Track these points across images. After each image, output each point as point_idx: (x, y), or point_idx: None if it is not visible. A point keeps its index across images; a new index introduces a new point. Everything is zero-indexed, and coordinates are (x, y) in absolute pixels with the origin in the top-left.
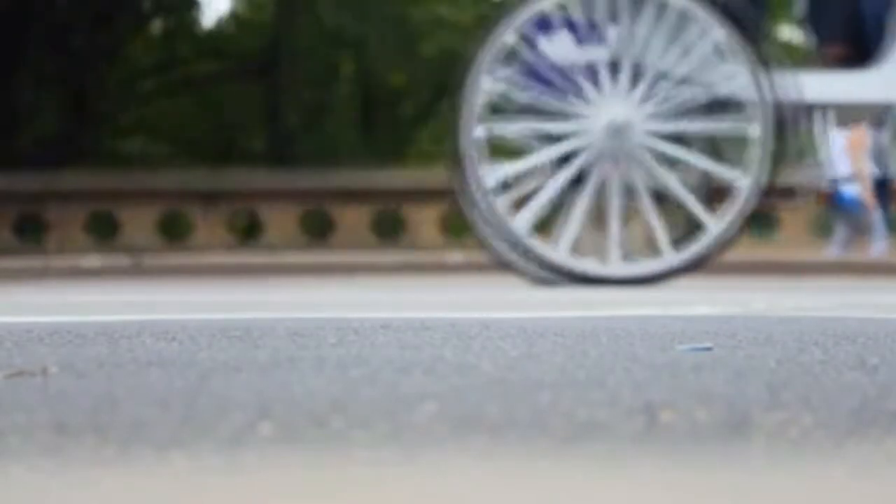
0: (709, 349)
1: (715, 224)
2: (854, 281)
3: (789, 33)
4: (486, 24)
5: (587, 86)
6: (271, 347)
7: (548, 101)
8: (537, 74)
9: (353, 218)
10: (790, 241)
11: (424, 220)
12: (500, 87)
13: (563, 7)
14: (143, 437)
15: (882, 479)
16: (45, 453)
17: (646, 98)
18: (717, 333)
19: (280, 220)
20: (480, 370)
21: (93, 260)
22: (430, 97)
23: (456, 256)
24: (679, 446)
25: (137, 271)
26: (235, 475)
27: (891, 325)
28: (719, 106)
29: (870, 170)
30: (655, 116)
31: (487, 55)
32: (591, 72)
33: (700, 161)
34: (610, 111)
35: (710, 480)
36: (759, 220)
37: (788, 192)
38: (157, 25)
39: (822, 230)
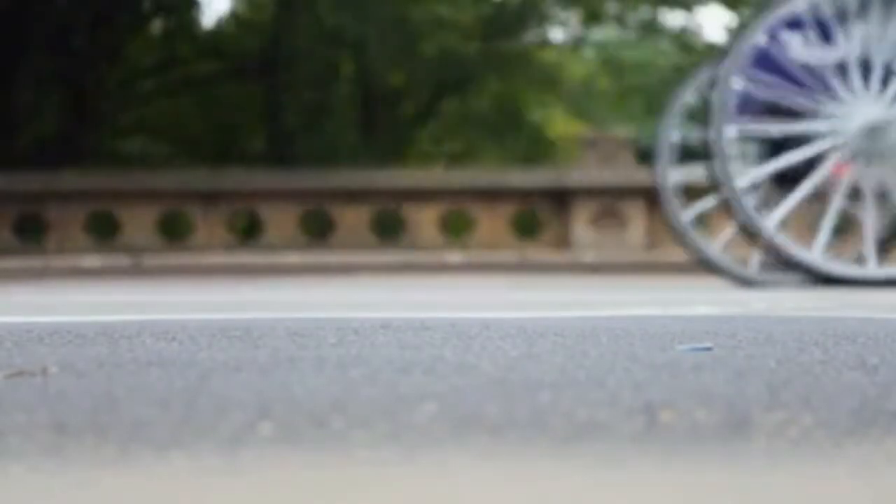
0: (709, 349)
1: None
2: None
3: None
4: (740, 23)
5: (838, 86)
6: (271, 347)
7: (797, 101)
8: (786, 74)
9: (353, 218)
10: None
11: (424, 220)
12: (750, 87)
13: (814, 7)
14: (143, 437)
15: (882, 479)
16: (45, 453)
17: None
18: (717, 333)
19: (280, 220)
20: (480, 370)
21: (93, 260)
22: (430, 97)
23: (456, 256)
24: (679, 446)
25: (137, 271)
26: (235, 475)
27: (891, 325)
28: None
29: None
30: None
31: (740, 55)
32: (842, 72)
33: None
34: (864, 111)
35: (710, 480)
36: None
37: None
38: (157, 25)
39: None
